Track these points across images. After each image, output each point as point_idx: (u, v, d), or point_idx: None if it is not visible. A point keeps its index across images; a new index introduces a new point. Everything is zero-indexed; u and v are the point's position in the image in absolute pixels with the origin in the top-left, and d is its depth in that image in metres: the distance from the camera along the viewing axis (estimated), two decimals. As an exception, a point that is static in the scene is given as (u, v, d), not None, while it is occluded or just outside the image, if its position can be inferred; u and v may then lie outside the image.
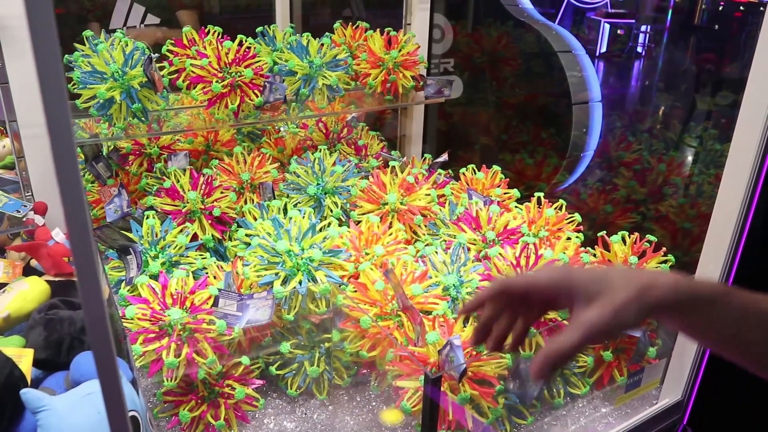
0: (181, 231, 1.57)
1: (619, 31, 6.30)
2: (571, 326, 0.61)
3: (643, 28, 6.72)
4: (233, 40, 1.77)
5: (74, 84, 1.60)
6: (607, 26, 6.18)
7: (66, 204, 0.39)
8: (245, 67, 1.69)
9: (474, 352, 1.20)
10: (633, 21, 6.45)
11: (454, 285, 1.39)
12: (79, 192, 0.42)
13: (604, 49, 6.22)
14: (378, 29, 1.97)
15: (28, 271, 1.53)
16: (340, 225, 1.65)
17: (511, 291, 0.69)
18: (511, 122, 2.55)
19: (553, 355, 0.60)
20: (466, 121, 2.54)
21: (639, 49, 6.76)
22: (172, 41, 1.89)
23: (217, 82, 1.66)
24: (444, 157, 1.95)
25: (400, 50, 1.89)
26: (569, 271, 0.65)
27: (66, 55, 1.69)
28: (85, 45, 1.63)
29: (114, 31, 2.72)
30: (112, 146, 1.91)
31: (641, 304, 0.59)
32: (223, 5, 3.29)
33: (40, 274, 1.49)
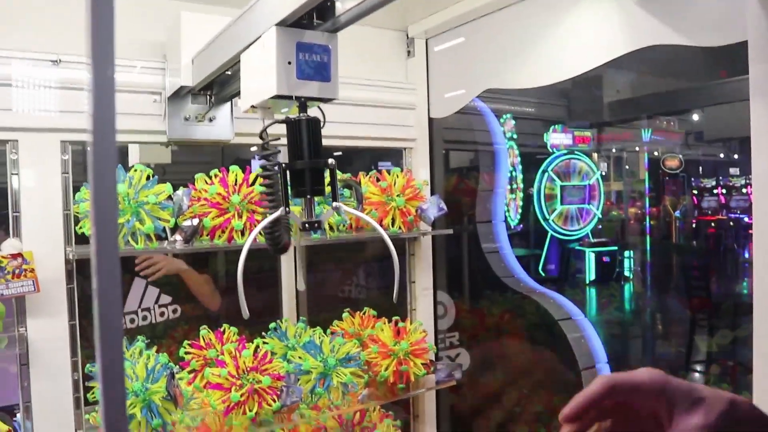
0: None
1: (604, 259, 6.57)
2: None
3: (626, 253, 7.00)
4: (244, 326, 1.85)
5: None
6: (593, 255, 6.46)
7: None
8: (262, 373, 1.75)
9: None
10: (615, 248, 6.74)
11: None
12: None
13: (593, 277, 6.42)
14: (384, 318, 2.08)
15: None
16: None
17: (618, 390, 0.66)
18: (523, 392, 2.57)
19: None
20: (477, 394, 2.56)
21: (627, 273, 6.97)
22: (189, 343, 1.98)
23: (235, 390, 1.71)
24: (461, 443, 1.94)
25: (409, 340, 1.97)
26: (665, 375, 0.67)
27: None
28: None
29: (129, 313, 2.83)
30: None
31: (732, 414, 0.64)
32: (230, 277, 3.46)
33: None
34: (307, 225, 1.30)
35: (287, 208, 1.27)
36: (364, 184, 2.08)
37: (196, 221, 1.84)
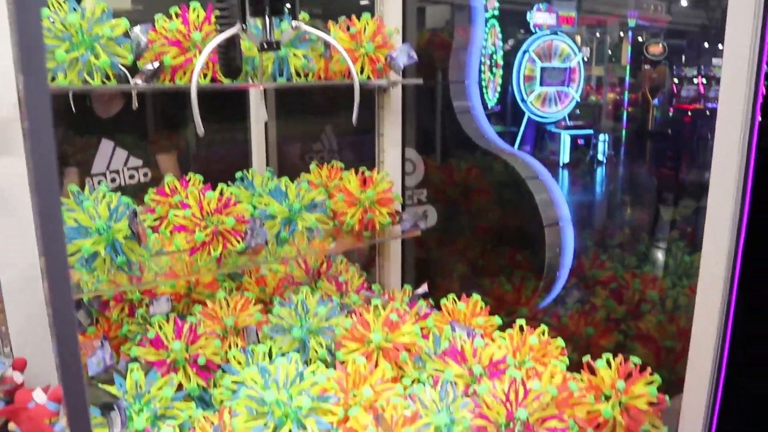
0: (166, 383, 1.55)
1: (579, 141, 6.61)
2: None
3: (601, 137, 7.05)
4: (213, 185, 1.84)
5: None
6: (568, 137, 6.50)
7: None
8: (227, 215, 1.74)
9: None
10: (591, 131, 6.78)
11: (445, 424, 1.38)
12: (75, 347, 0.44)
13: (567, 160, 6.50)
14: (352, 169, 2.07)
15: (6, 436, 1.48)
16: (326, 366, 1.64)
17: None
18: (487, 247, 2.63)
19: None
20: (442, 249, 2.61)
21: (600, 157, 7.06)
22: (155, 190, 1.96)
23: (199, 231, 1.71)
24: (423, 288, 1.99)
25: (375, 189, 1.97)
26: None
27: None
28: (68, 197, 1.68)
29: (97, 175, 2.79)
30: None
31: None
32: (200, 146, 3.40)
33: (19, 439, 1.45)
34: (265, 45, 1.25)
35: (244, 25, 1.21)
36: (333, 30, 2.00)
37: (156, 64, 1.77)
